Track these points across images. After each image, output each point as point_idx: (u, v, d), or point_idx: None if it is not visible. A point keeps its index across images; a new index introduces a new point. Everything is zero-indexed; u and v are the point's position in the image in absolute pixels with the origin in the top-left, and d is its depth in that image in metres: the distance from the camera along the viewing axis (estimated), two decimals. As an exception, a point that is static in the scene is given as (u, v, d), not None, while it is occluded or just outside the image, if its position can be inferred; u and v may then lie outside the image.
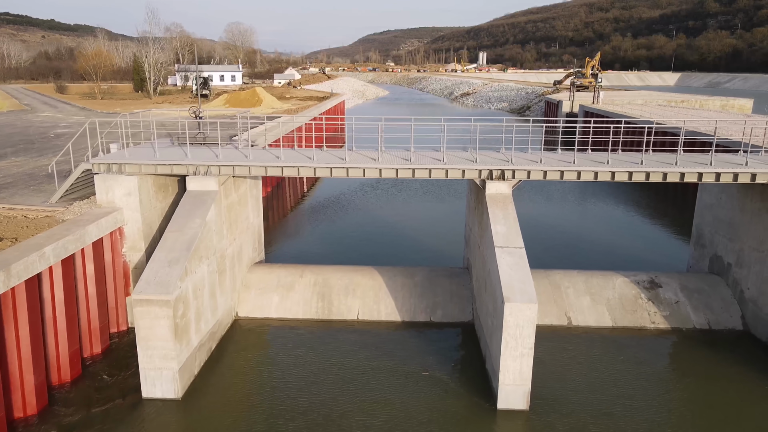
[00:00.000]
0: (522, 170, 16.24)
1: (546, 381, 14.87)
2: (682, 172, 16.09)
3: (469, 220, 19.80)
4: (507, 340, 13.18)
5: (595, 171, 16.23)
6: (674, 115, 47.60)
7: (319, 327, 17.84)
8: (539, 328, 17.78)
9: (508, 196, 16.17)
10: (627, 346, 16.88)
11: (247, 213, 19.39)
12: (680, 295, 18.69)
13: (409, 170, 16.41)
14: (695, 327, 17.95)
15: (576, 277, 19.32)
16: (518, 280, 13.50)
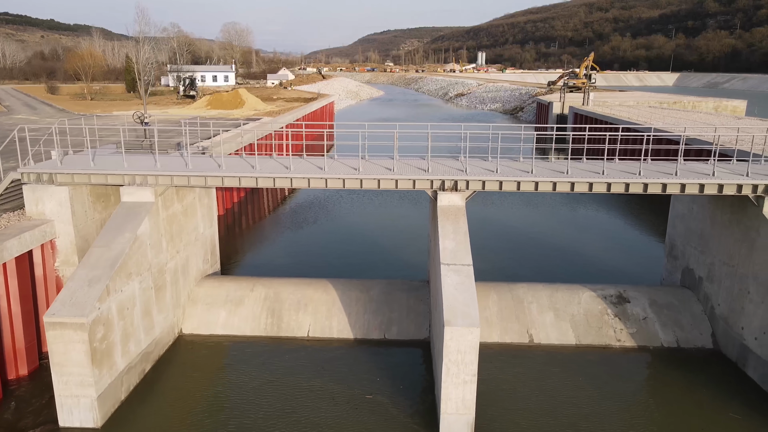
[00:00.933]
0: (476, 180, 15.34)
1: (498, 405, 13.99)
2: (646, 183, 15.19)
3: (430, 231, 18.89)
4: (448, 366, 12.26)
5: (553, 182, 15.32)
6: (662, 117, 46.68)
7: (267, 345, 16.93)
8: (500, 346, 17.07)
9: (460, 209, 15.25)
10: (590, 367, 15.95)
11: (196, 224, 18.48)
12: (649, 310, 17.76)
13: (356, 180, 15.51)
14: (663, 345, 17.02)
15: (541, 291, 18.39)
16: (462, 302, 12.58)
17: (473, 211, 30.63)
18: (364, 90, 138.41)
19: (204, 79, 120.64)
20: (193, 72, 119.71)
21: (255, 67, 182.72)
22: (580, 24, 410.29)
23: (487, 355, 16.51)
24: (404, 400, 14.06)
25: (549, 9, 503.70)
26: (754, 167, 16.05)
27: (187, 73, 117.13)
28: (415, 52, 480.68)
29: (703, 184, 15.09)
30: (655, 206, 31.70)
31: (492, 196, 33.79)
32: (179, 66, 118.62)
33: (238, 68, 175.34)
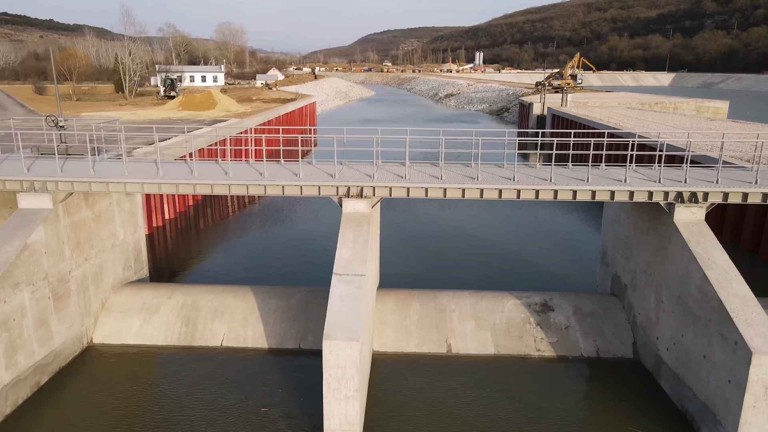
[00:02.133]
0: (383, 187, 14.94)
1: (396, 418, 13.59)
2: (556, 190, 14.77)
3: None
4: (329, 382, 11.87)
5: (462, 188, 14.91)
6: (633, 119, 46.27)
7: (178, 355, 16.54)
8: (418, 356, 16.67)
9: (365, 216, 14.85)
10: (505, 378, 15.54)
11: (114, 230, 18.08)
12: (572, 319, 17.35)
13: (260, 186, 15.12)
14: (583, 355, 16.61)
15: (465, 299, 17.98)
16: (345, 315, 12.18)
17: (413, 217, 30.44)
18: (354, 90, 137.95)
19: (193, 80, 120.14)
20: (181, 72, 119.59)
21: (248, 67, 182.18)
22: (579, 24, 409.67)
23: (402, 365, 16.20)
24: (299, 414, 13.66)
25: (548, 9, 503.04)
26: (668, 173, 15.64)
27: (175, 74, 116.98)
28: (413, 52, 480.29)
29: (614, 191, 14.68)
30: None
31: (436, 203, 33.35)
32: (167, 66, 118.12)
33: (233, 68, 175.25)
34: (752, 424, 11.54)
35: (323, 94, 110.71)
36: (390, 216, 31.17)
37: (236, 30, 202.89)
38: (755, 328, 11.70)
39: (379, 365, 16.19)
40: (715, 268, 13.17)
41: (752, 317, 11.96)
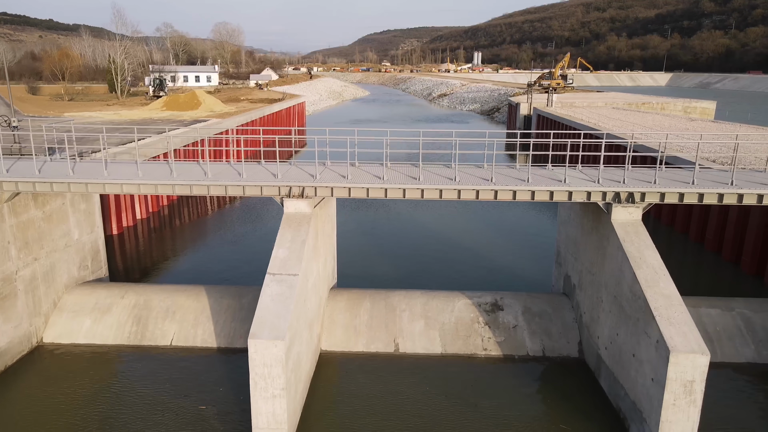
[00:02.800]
0: (325, 187, 15.05)
1: (331, 417, 13.72)
2: (496, 190, 14.87)
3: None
4: (256, 380, 11.99)
5: (403, 188, 15.02)
6: (615, 119, 46.35)
7: (127, 354, 16.67)
8: (365, 356, 16.78)
9: (306, 216, 14.96)
10: (448, 377, 15.65)
11: (67, 230, 18.20)
12: (520, 319, 17.46)
13: (204, 187, 15.22)
14: (529, 354, 16.72)
15: (417, 299, 18.09)
16: (274, 314, 12.30)
17: (385, 217, 30.51)
18: (348, 90, 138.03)
19: (187, 80, 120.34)
20: (175, 72, 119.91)
21: (244, 67, 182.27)
22: (577, 24, 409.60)
23: (350, 364, 16.33)
24: (234, 412, 13.78)
25: (547, 9, 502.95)
26: (608, 173, 15.73)
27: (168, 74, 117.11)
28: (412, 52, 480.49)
29: (552, 191, 14.79)
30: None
31: (410, 204, 33.48)
32: (161, 66, 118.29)
33: (229, 68, 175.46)
34: (672, 422, 11.65)
35: (316, 94, 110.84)
36: (361, 216, 31.31)
37: (233, 30, 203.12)
38: (676, 327, 11.81)
39: (327, 364, 16.32)
40: (645, 268, 13.28)
41: (675, 316, 12.07)
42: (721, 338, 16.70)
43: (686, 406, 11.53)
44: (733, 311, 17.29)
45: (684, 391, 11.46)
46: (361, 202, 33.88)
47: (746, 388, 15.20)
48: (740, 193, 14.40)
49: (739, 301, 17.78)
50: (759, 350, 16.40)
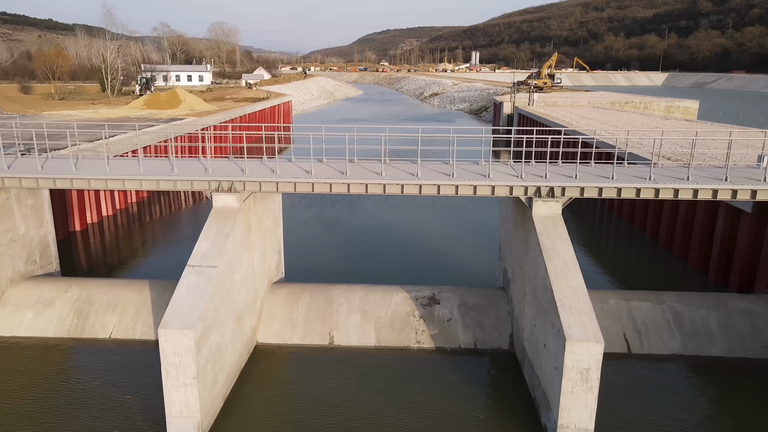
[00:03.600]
0: (253, 182, 15.35)
1: (259, 406, 14.03)
2: (420, 185, 15.18)
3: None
4: (167, 369, 12.29)
5: (329, 183, 15.33)
6: (590, 117, 46.62)
7: (66, 346, 16.96)
8: (301, 348, 17.09)
9: (234, 210, 15.26)
10: (378, 369, 15.93)
11: (12, 225, 18.49)
12: (455, 312, 17.75)
13: (137, 182, 15.53)
14: (461, 347, 17.01)
15: (356, 293, 18.39)
16: (187, 305, 12.60)
17: (348, 214, 30.79)
18: (340, 90, 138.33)
19: (179, 79, 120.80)
20: (167, 72, 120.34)
21: (239, 67, 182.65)
22: (576, 23, 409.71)
23: (283, 356, 16.64)
24: (158, 402, 14.02)
25: (545, 8, 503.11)
26: (528, 168, 16.03)
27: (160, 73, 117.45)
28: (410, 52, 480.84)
29: (476, 185, 15.08)
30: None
31: (377, 200, 33.80)
32: (153, 66, 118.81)
33: (225, 68, 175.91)
34: (571, 409, 11.94)
35: (307, 94, 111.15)
36: (323, 213, 31.62)
37: (229, 29, 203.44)
38: (576, 317, 12.10)
39: (261, 356, 16.63)
40: (556, 260, 13.57)
41: (577, 306, 12.35)
42: (649, 330, 16.99)
43: (583, 393, 11.82)
44: (664, 304, 17.58)
45: (581, 378, 11.75)
46: (324, 199, 34.20)
47: (669, 378, 15.46)
48: (656, 188, 14.69)
49: (671, 295, 18.07)
50: (685, 342, 16.69)
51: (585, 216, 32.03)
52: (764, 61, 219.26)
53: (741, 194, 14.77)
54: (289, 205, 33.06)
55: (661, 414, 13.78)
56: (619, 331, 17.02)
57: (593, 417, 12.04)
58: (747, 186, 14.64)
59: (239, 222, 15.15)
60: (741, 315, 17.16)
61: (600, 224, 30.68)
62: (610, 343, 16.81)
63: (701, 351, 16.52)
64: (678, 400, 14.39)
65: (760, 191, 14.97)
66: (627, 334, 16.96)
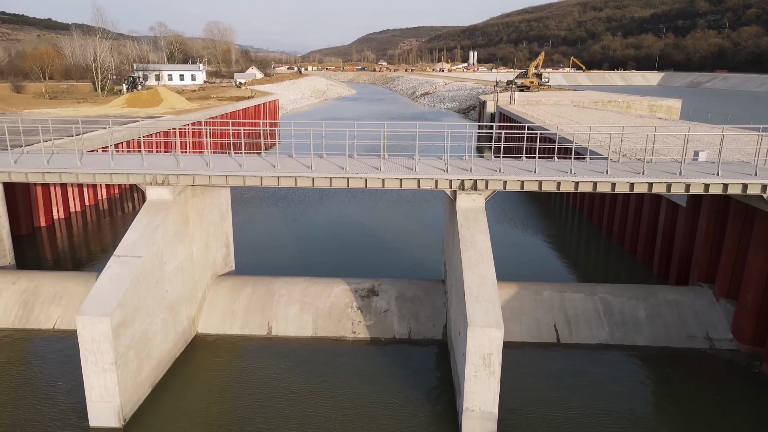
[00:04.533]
0: (186, 175, 15.76)
1: (188, 392, 14.45)
2: (347, 178, 15.57)
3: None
4: (86, 356, 12.68)
5: (259, 176, 15.74)
6: (564, 115, 46.98)
7: (9, 337, 17.37)
8: (239, 339, 17.48)
9: (167, 203, 15.67)
10: (310, 357, 16.33)
11: (-38, 218, 18.92)
12: (392, 304, 18.15)
13: (73, 175, 15.94)
14: (395, 337, 17.42)
15: (297, 285, 18.80)
16: (107, 293, 13.01)
17: (311, 209, 31.26)
18: (333, 89, 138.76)
19: (171, 78, 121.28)
20: (158, 71, 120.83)
21: (234, 66, 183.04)
22: (574, 23, 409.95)
23: (221, 346, 17.06)
24: (86, 388, 14.48)
25: (544, 8, 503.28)
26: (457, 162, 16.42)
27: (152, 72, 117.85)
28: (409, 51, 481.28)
29: (402, 178, 15.48)
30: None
31: (318, 194, 34.27)
32: (145, 65, 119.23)
33: (221, 67, 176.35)
34: (475, 392, 12.34)
35: (298, 93, 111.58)
36: (283, 208, 32.03)
37: (225, 29, 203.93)
38: (481, 305, 12.50)
39: (199, 345, 17.04)
40: (472, 251, 13.98)
41: (483, 295, 12.76)
42: (579, 321, 17.39)
43: (486, 377, 12.22)
44: (596, 296, 17.99)
45: (483, 363, 12.15)
46: (291, 195, 34.63)
47: (593, 367, 15.83)
48: (576, 181, 15.09)
49: (604, 287, 18.47)
50: (612, 332, 17.09)
51: (552, 212, 32.43)
52: (759, 60, 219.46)
53: (675, 188, 15.13)
54: (252, 199, 33.48)
55: (575, 399, 14.18)
56: (550, 322, 17.43)
57: (497, 400, 12.43)
58: (663, 180, 15.04)
59: (172, 214, 15.55)
60: (669, 306, 17.57)
61: (564, 220, 31.07)
62: (541, 333, 17.28)
63: (627, 340, 16.93)
64: (595, 386, 14.79)
65: (693, 185, 15.33)
66: (557, 324, 17.37)
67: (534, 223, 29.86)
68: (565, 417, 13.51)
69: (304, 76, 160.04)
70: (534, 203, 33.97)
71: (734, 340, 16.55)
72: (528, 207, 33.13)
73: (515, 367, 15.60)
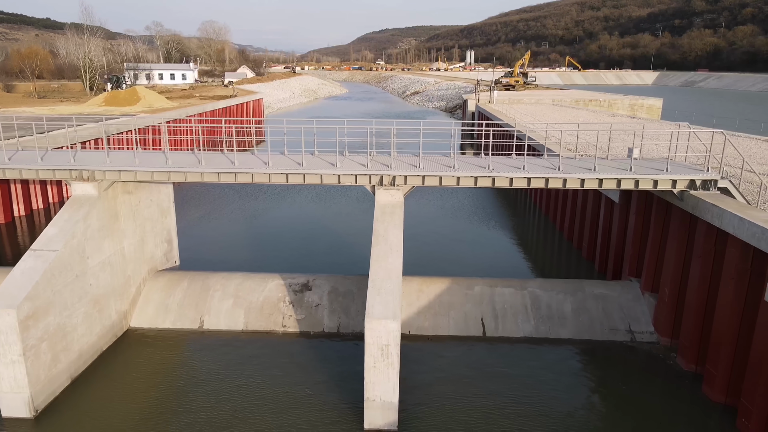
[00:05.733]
0: (112, 171, 15.98)
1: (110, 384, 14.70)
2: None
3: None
4: (-5, 346, 12.91)
5: (183, 172, 15.96)
6: (535, 114, 47.17)
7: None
8: (171, 332, 17.71)
9: (91, 197, 15.89)
10: (237, 352, 16.55)
11: None
12: (325, 298, 18.38)
13: (15, 171, 16.16)
14: (324, 331, 17.65)
15: (233, 280, 19.02)
16: (16, 285, 13.23)
17: (263, 206, 31.52)
18: (324, 88, 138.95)
19: (162, 77, 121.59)
20: (150, 70, 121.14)
21: (228, 65, 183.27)
22: (572, 23, 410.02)
23: (152, 340, 17.29)
24: None
25: (542, 8, 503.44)
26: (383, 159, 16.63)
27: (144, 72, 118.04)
28: (407, 51, 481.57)
29: (322, 174, 15.70)
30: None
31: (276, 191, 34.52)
32: (135, 64, 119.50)
33: (215, 66, 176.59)
34: (375, 383, 12.56)
35: (287, 92, 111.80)
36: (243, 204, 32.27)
37: (219, 28, 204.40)
38: (381, 297, 12.73)
39: (130, 339, 17.27)
40: (383, 245, 14.20)
41: (386, 287, 12.97)
42: (507, 315, 17.62)
43: (385, 368, 12.43)
44: (525, 290, 18.21)
45: (381, 354, 12.37)
46: (250, 191, 34.87)
47: (514, 360, 16.05)
48: (493, 177, 15.30)
49: (535, 282, 18.71)
50: (537, 326, 17.31)
51: (517, 211, 32.63)
52: (754, 60, 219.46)
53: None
54: (208, 196, 33.71)
55: (489, 391, 14.39)
56: (477, 316, 17.66)
57: (396, 390, 12.64)
58: (577, 176, 15.26)
59: (97, 209, 15.77)
60: (595, 300, 17.80)
61: (526, 218, 31.26)
62: (468, 327, 17.50)
63: (551, 334, 17.15)
64: (510, 378, 15.00)
65: (605, 180, 15.59)
66: (485, 318, 17.59)
67: (497, 221, 30.03)
68: (472, 407, 13.73)
69: (296, 75, 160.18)
70: (501, 201, 34.22)
71: (655, 333, 16.78)
72: (494, 204, 33.36)
73: (434, 360, 15.87)
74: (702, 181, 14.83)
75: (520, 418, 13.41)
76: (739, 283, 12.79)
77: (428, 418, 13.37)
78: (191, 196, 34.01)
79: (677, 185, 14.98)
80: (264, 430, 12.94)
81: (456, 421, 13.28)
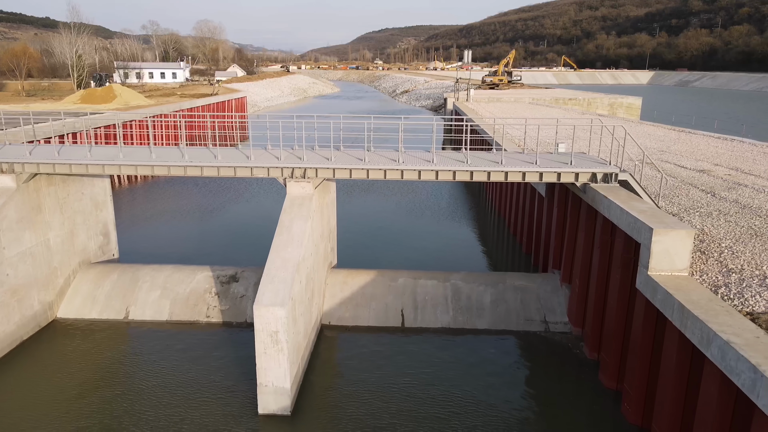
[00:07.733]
0: (31, 163, 16.25)
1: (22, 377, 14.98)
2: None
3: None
4: None
5: (102, 165, 16.22)
6: (505, 112, 47.41)
7: None
8: (97, 323, 18.02)
9: (8, 189, 16.17)
10: (159, 341, 16.81)
11: None
12: (250, 290, 18.64)
13: None
14: (247, 321, 17.91)
15: (162, 272, 19.30)
16: None
17: (223, 200, 31.83)
18: (315, 87, 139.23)
19: (152, 76, 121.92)
20: (140, 69, 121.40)
21: (222, 64, 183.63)
22: (569, 22, 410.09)
23: (77, 330, 17.57)
24: None
25: (541, 7, 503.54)
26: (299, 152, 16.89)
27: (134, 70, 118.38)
28: (405, 50, 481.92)
29: (236, 167, 15.97)
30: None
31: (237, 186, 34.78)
32: (126, 63, 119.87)
33: (210, 65, 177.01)
34: (266, 369, 12.83)
35: (276, 91, 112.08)
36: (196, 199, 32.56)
37: (214, 27, 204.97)
38: (273, 285, 13.00)
39: (55, 330, 17.56)
40: (285, 235, 14.48)
41: (279, 276, 13.25)
42: (427, 306, 17.88)
43: (275, 354, 12.71)
44: (447, 282, 18.47)
45: (271, 340, 12.64)
46: (205, 183, 35.15)
47: (428, 349, 16.29)
48: (402, 170, 15.57)
49: (459, 274, 18.96)
50: (456, 317, 17.58)
51: (472, 205, 32.89)
52: (748, 59, 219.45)
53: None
54: (162, 189, 33.99)
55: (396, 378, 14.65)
56: (398, 307, 17.93)
57: (287, 376, 12.90)
58: (484, 168, 15.51)
59: (15, 201, 16.05)
60: (515, 292, 18.07)
61: (478, 212, 31.52)
62: (388, 317, 17.77)
63: (468, 324, 17.42)
64: (421, 366, 15.27)
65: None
66: (405, 309, 17.86)
67: (459, 216, 30.29)
68: (373, 392, 13.99)
69: (289, 74, 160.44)
70: (469, 197, 34.51)
71: (568, 324, 17.04)
72: (464, 201, 33.63)
73: (349, 349, 16.16)
74: (603, 174, 15.08)
75: (422, 402, 13.64)
76: (624, 272, 13.06)
77: (325, 403, 13.64)
78: (141, 191, 34.31)
79: (579, 178, 15.24)
80: (172, 415, 13.20)
81: (354, 404, 13.54)
